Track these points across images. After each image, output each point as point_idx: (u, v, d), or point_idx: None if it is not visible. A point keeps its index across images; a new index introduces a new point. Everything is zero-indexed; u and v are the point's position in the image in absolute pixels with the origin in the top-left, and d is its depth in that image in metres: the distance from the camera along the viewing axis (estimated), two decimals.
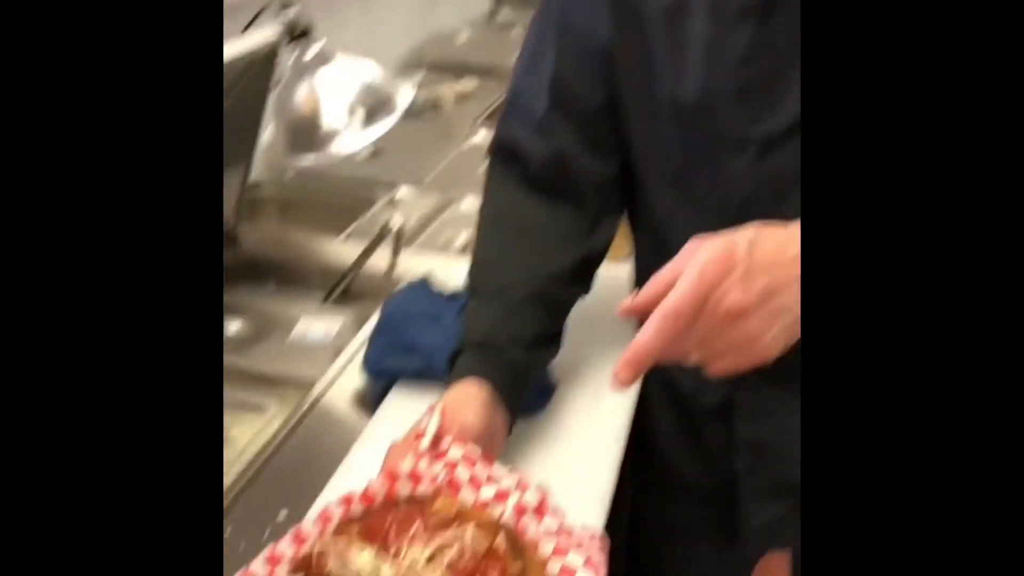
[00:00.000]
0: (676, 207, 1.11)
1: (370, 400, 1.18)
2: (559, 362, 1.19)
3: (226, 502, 1.06)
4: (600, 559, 0.86)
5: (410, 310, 1.24)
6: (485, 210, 1.17)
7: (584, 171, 1.13)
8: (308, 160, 2.13)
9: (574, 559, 0.85)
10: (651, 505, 1.39)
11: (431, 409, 0.96)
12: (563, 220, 1.14)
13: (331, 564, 0.78)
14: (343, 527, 0.86)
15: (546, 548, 0.88)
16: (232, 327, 1.49)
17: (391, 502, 0.89)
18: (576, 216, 1.14)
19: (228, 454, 1.20)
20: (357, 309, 1.50)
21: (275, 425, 1.16)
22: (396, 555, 0.81)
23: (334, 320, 1.49)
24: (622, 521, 1.45)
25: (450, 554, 0.80)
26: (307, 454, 1.14)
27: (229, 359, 1.39)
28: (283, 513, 1.03)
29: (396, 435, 1.00)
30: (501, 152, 1.18)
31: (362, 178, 2.08)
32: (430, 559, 0.80)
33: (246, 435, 1.24)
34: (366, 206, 1.96)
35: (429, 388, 1.03)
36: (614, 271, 1.26)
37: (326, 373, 1.28)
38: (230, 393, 1.32)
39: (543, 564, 0.85)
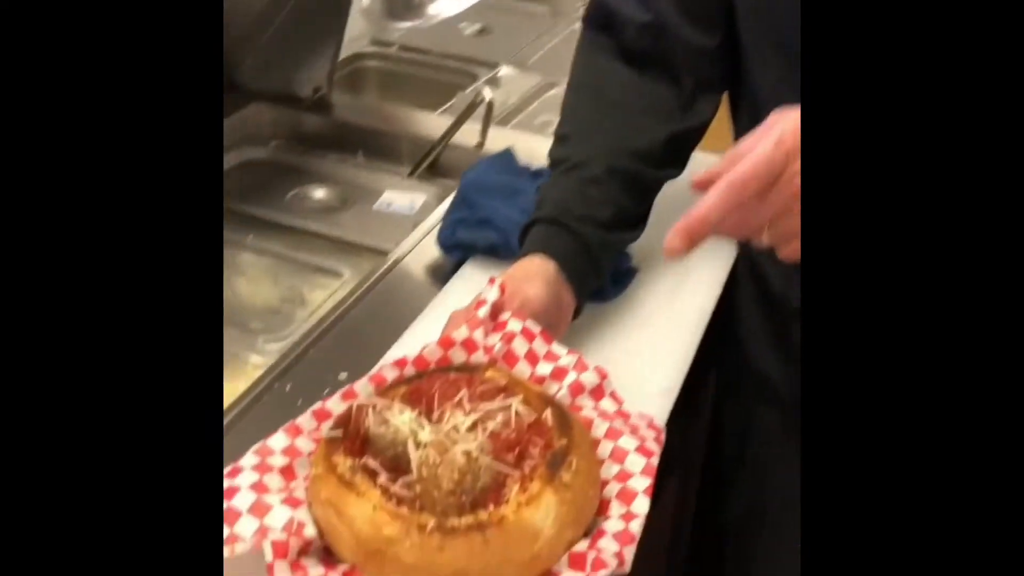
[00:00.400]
0: (781, 84, 1.01)
1: (443, 273, 1.14)
2: (642, 246, 1.12)
3: (291, 359, 1.06)
4: (655, 449, 0.81)
5: (488, 183, 1.19)
6: (573, 80, 1.10)
7: (683, 42, 1.04)
8: (407, 25, 2.08)
9: (627, 442, 0.81)
10: (732, 406, 1.33)
11: (492, 280, 0.92)
12: (655, 93, 1.05)
13: (369, 421, 0.76)
14: (389, 389, 0.84)
15: (598, 429, 0.83)
16: (318, 194, 1.48)
17: (443, 369, 0.86)
18: (670, 90, 1.05)
19: (299, 313, 1.21)
20: (443, 184, 1.46)
21: (348, 289, 1.14)
22: (439, 420, 0.78)
23: (419, 193, 1.45)
24: (703, 420, 1.39)
25: (493, 423, 0.77)
26: (375, 320, 1.12)
27: (312, 225, 1.39)
28: (343, 374, 1.02)
29: (460, 306, 0.96)
30: (595, 19, 1.09)
31: (465, 56, 2.02)
32: (472, 427, 0.77)
33: (319, 297, 1.24)
34: (467, 84, 1.90)
35: (504, 264, 0.98)
36: (715, 161, 1.16)
37: (403, 243, 1.25)
38: (309, 257, 1.31)
39: (592, 445, 0.81)
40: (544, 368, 0.89)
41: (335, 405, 0.85)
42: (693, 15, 1.02)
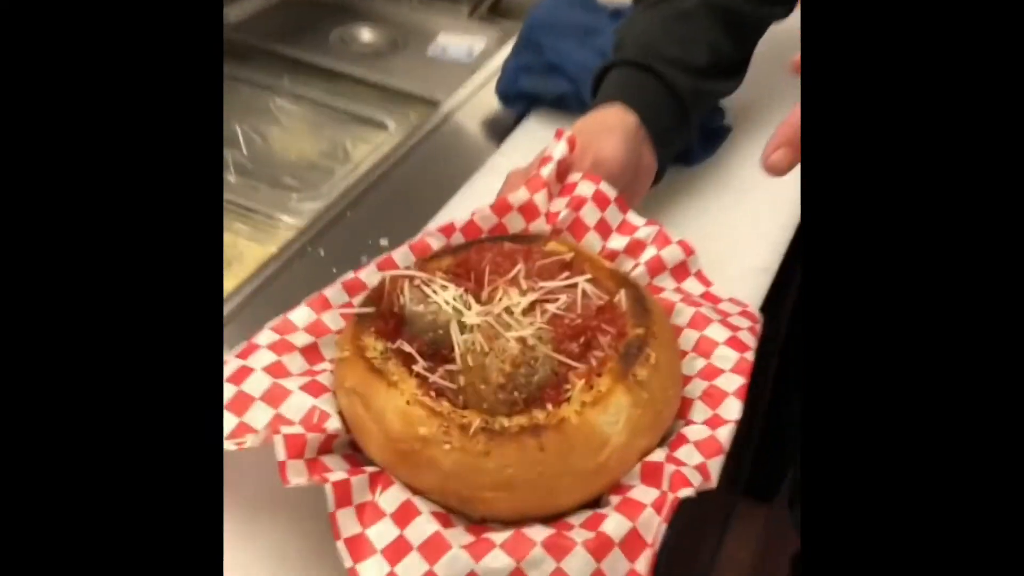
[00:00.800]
0: None
1: (503, 127, 0.99)
2: (737, 101, 0.95)
3: (326, 220, 0.93)
4: (750, 342, 0.67)
5: (558, 22, 1.01)
6: None
7: None
8: None
9: (717, 332, 0.67)
10: None
11: (559, 134, 0.77)
12: None
13: (406, 298, 0.63)
14: (432, 259, 0.70)
15: (681, 316, 0.69)
16: (364, 36, 1.32)
17: (496, 238, 0.72)
18: None
19: (339, 170, 1.07)
20: (505, 26, 1.29)
21: (393, 143, 1.00)
22: (488, 299, 0.65)
23: (478, 36, 1.28)
24: (788, 306, 1.25)
25: (554, 306, 0.63)
26: (422, 179, 0.98)
27: (356, 70, 1.23)
28: (384, 240, 0.89)
29: (522, 166, 0.82)
30: None
31: None
32: (529, 309, 0.63)
33: (362, 151, 1.10)
34: None
35: (574, 117, 0.85)
36: None
37: (458, 93, 1.09)
38: (352, 106, 1.17)
39: (674, 334, 0.67)
40: (618, 241, 0.75)
41: (369, 276, 0.72)
42: None
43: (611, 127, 0.79)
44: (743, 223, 0.88)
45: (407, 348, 0.62)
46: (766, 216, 0.89)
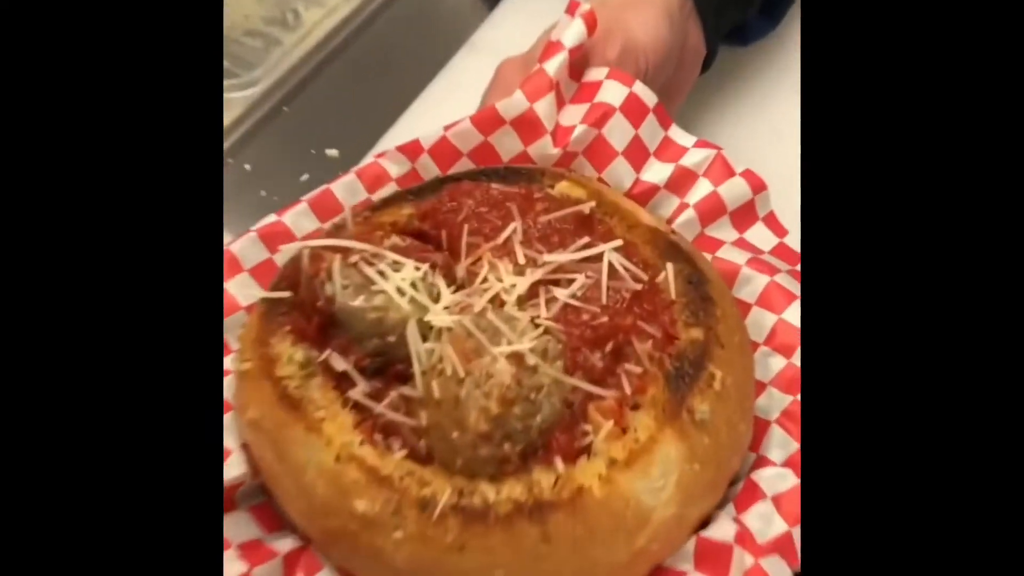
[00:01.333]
0: None
1: None
2: None
3: (256, 119, 0.70)
4: (792, 286, 0.47)
5: None
6: None
7: None
8: None
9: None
10: None
11: (573, 6, 0.52)
12: None
13: (336, 282, 0.41)
14: (382, 210, 0.48)
15: (749, 286, 0.48)
16: None
17: (478, 173, 0.49)
18: None
19: (281, 43, 0.82)
20: None
21: (349, 8, 0.81)
22: (467, 280, 0.43)
23: None
24: None
25: (567, 292, 0.41)
26: (386, 60, 0.75)
27: None
28: (332, 151, 0.66)
29: (518, 47, 0.58)
30: None
31: None
32: (528, 295, 0.42)
33: (312, 16, 0.84)
34: None
35: None
36: None
37: None
38: None
39: (746, 334, 0.45)
40: (657, 171, 0.52)
41: (298, 220, 0.50)
42: None
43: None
44: None
45: (339, 364, 0.40)
46: None
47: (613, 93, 0.51)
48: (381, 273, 0.41)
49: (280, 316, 0.42)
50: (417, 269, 0.41)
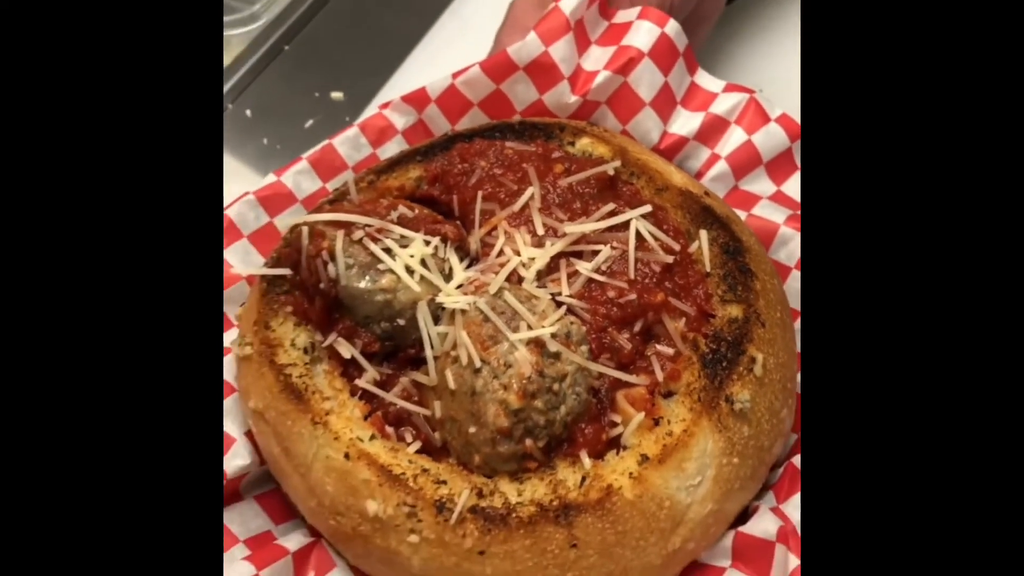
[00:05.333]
0: None
1: None
2: None
3: (257, 56, 0.66)
4: None
5: None
6: None
7: None
8: None
9: None
10: None
11: None
12: None
13: (338, 267, 0.37)
14: (389, 172, 0.44)
15: (787, 247, 0.44)
16: None
17: (491, 129, 0.45)
18: None
19: None
20: None
21: None
22: (482, 251, 0.40)
23: None
24: None
25: (591, 265, 0.38)
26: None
27: None
28: (336, 94, 0.62)
29: None
30: None
31: None
32: (548, 268, 0.38)
33: None
34: None
35: None
36: None
37: None
38: None
39: (787, 306, 0.42)
40: (686, 121, 0.48)
41: (298, 180, 0.47)
42: None
43: None
44: None
45: (346, 350, 0.37)
46: None
47: (643, 35, 0.46)
48: (388, 250, 0.37)
49: (281, 295, 0.39)
50: (427, 244, 0.38)
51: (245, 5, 0.73)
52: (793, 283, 0.44)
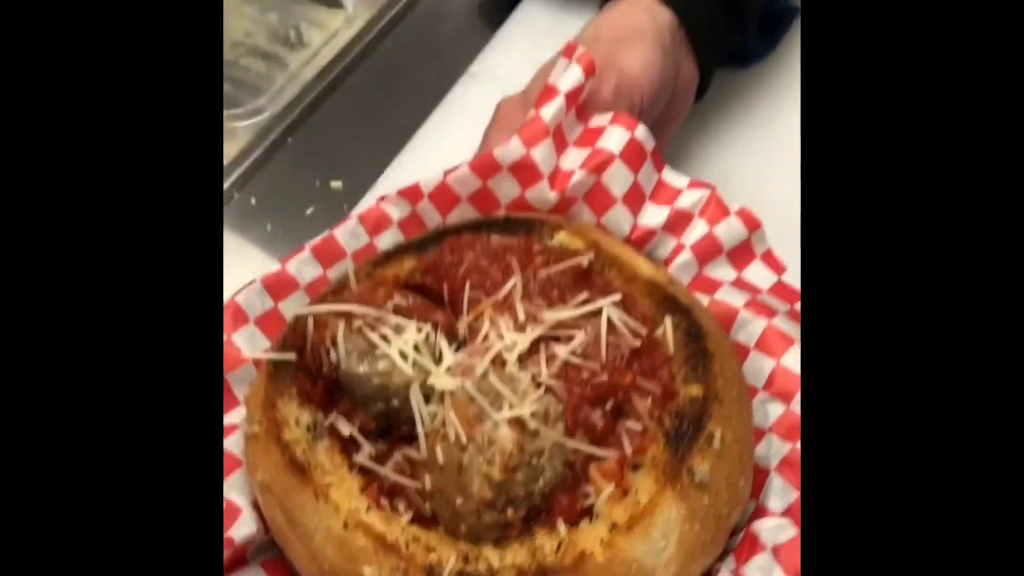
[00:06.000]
0: None
1: (492, 5, 0.74)
2: None
3: (261, 150, 0.70)
4: (790, 329, 0.48)
5: None
6: None
7: None
8: None
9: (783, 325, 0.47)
10: None
11: (570, 50, 0.52)
12: None
13: (339, 354, 0.41)
14: (386, 264, 0.48)
15: (747, 329, 0.48)
16: None
17: (478, 224, 0.50)
18: None
19: (279, 76, 0.82)
20: None
21: (354, 29, 0.82)
22: (469, 335, 0.44)
23: None
24: None
25: (567, 349, 0.42)
26: (392, 85, 0.75)
27: None
28: (336, 183, 0.67)
29: (518, 73, 0.58)
30: None
31: None
32: (530, 351, 0.42)
33: (316, 38, 0.85)
34: None
35: (587, 4, 0.68)
36: None
37: None
38: None
39: (744, 384, 0.46)
40: (654, 214, 0.53)
41: (301, 268, 0.51)
42: None
43: (637, 31, 0.56)
44: None
45: (345, 428, 0.41)
46: None
47: (615, 139, 0.51)
48: (384, 337, 0.41)
49: (287, 378, 0.43)
50: (419, 330, 0.42)
51: (251, 99, 0.79)
52: (752, 363, 0.48)
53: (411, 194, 0.53)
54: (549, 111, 0.51)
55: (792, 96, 0.70)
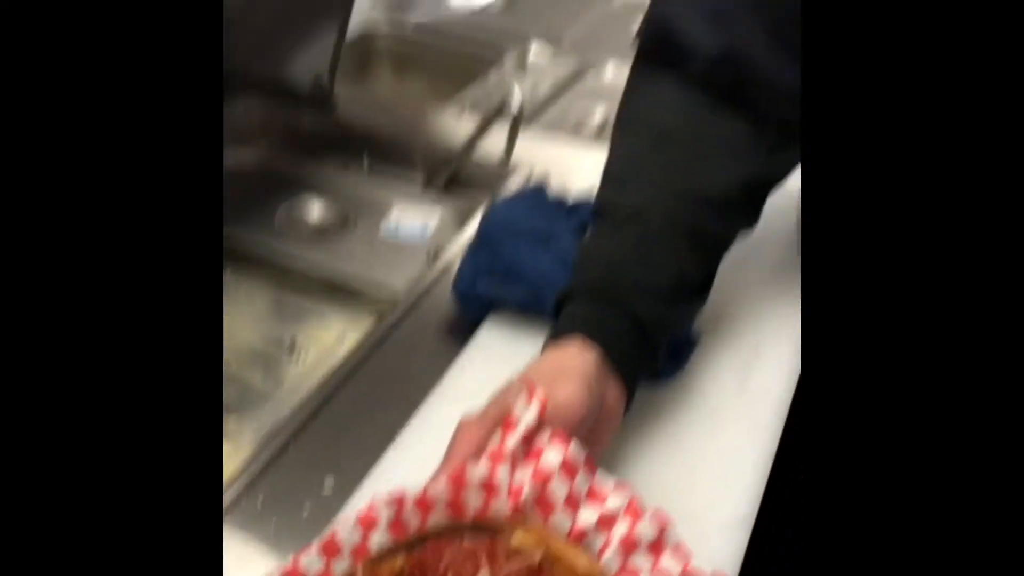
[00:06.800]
0: None
1: (459, 328, 0.93)
2: (706, 310, 0.90)
3: (268, 455, 0.85)
4: None
5: (517, 225, 0.96)
6: (622, 115, 0.86)
7: (768, 79, 0.79)
8: (424, 14, 1.83)
9: None
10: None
11: (528, 386, 0.70)
12: (729, 128, 0.82)
13: None
14: (382, 560, 0.63)
15: None
16: (314, 211, 1.25)
17: (456, 528, 0.65)
18: (748, 128, 0.82)
19: (275, 391, 0.99)
20: (459, 203, 1.23)
21: (344, 348, 0.92)
22: None
23: (433, 212, 1.23)
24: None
25: None
26: (376, 397, 0.91)
27: (303, 252, 1.17)
28: (329, 483, 0.81)
29: (481, 389, 0.73)
30: (654, 40, 0.85)
31: (491, 31, 1.77)
32: None
33: (311, 357, 1.02)
34: (492, 64, 1.66)
35: (537, 322, 0.82)
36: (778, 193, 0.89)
37: (416, 283, 1.03)
38: (294, 299, 1.10)
39: None
40: (588, 515, 0.68)
41: (311, 565, 0.64)
42: (787, 46, 0.76)
43: (569, 371, 0.72)
44: (716, 458, 0.82)
45: None
46: (746, 447, 0.83)
47: (553, 458, 0.67)
48: None
49: None
50: None
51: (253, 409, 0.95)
52: None
53: (398, 501, 0.68)
54: (511, 441, 0.68)
55: (703, 409, 0.88)
